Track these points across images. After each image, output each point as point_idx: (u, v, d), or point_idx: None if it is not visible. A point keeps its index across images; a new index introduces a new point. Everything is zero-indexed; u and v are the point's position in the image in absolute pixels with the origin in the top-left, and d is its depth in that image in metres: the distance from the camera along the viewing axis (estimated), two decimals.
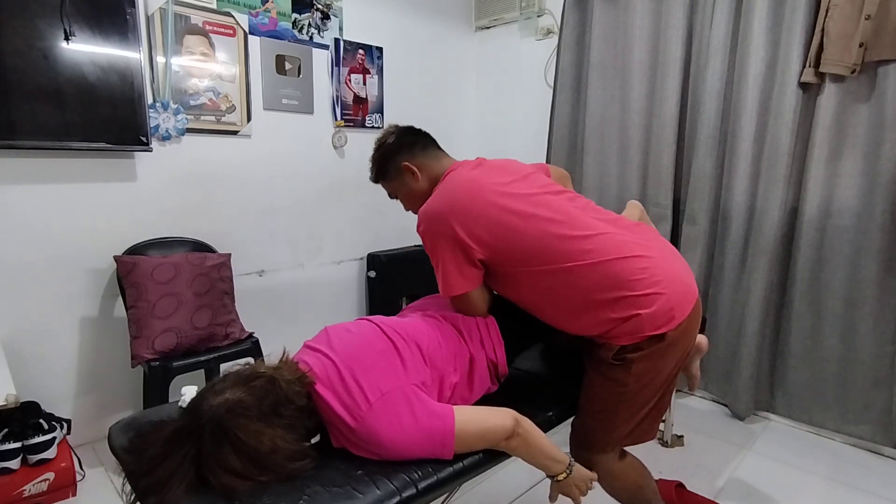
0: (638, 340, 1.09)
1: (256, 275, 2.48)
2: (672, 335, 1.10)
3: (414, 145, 1.34)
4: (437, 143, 1.39)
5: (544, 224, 1.13)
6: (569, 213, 1.17)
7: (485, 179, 1.20)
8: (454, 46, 3.20)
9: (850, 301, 2.01)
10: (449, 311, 1.25)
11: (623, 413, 1.17)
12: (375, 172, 1.40)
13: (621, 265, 1.10)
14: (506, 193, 1.17)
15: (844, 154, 1.99)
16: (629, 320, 1.08)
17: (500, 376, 1.26)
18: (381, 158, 1.36)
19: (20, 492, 1.60)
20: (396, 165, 1.33)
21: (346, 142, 2.72)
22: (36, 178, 1.83)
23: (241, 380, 0.92)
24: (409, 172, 1.32)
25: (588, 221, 1.16)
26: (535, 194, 1.19)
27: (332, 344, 1.05)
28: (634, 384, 1.13)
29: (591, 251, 1.11)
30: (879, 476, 1.87)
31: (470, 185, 1.19)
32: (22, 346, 1.84)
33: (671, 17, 2.32)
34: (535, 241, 1.13)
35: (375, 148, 1.38)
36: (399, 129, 1.37)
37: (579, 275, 1.10)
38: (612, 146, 2.59)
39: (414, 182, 1.32)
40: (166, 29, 2.04)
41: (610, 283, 1.09)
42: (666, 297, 1.09)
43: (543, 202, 1.17)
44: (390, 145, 1.34)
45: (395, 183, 1.37)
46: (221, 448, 0.85)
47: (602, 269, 1.10)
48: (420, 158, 1.33)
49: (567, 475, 1.08)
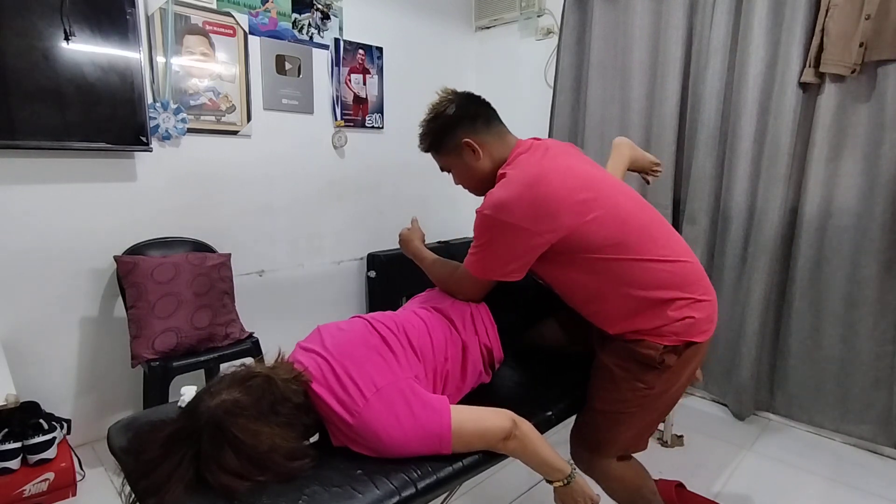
0: (679, 343, 1.09)
1: (256, 275, 2.48)
2: (703, 346, 1.13)
3: (476, 118, 1.20)
4: (498, 115, 1.25)
5: (626, 212, 1.12)
6: (643, 206, 1.18)
7: (561, 166, 1.12)
8: (454, 46, 3.20)
9: (850, 301, 2.01)
10: (442, 303, 1.24)
11: (638, 416, 1.17)
12: (428, 143, 1.25)
13: (687, 268, 1.12)
14: (585, 180, 1.11)
15: (844, 154, 1.99)
16: (682, 321, 1.08)
17: (496, 361, 1.26)
18: (438, 130, 1.22)
19: (20, 492, 1.60)
20: (455, 140, 1.19)
21: (346, 142, 2.72)
22: (36, 178, 1.83)
23: (238, 380, 0.93)
24: (469, 150, 1.19)
25: (661, 219, 1.18)
26: (612, 182, 1.18)
27: (324, 343, 1.06)
28: (660, 388, 1.13)
29: (667, 247, 1.12)
30: (879, 476, 1.87)
31: (549, 176, 1.08)
32: (22, 346, 1.84)
33: (671, 17, 2.32)
34: (618, 227, 1.08)
35: (430, 117, 1.22)
36: (459, 98, 1.21)
37: (655, 268, 1.09)
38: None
39: (474, 160, 1.19)
40: (166, 29, 2.04)
41: (679, 283, 1.10)
42: (712, 307, 1.13)
43: (621, 191, 1.16)
44: (449, 117, 1.20)
45: (451, 158, 1.23)
46: (220, 449, 0.85)
47: (675, 268, 1.11)
48: (483, 135, 1.19)
49: (565, 485, 1.06)
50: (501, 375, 1.36)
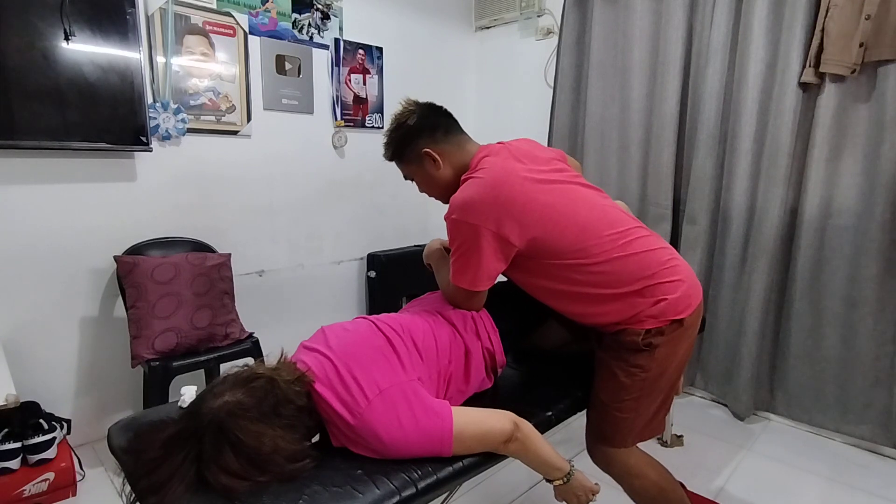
0: (661, 325, 1.11)
1: (256, 275, 2.48)
2: (688, 320, 1.14)
3: (436, 129, 1.25)
4: (459, 125, 1.30)
5: (584, 218, 1.14)
6: (602, 207, 1.19)
7: (520, 170, 1.14)
8: (454, 46, 3.20)
9: (850, 301, 2.01)
10: (445, 307, 1.24)
11: (644, 401, 1.18)
12: (391, 153, 1.30)
13: (652, 256, 1.15)
14: (543, 185, 1.14)
15: (844, 154, 1.99)
16: (657, 304, 1.11)
17: (498, 366, 1.26)
18: (399, 140, 1.27)
19: (20, 492, 1.60)
20: (416, 150, 1.24)
21: (346, 142, 2.72)
22: (36, 178, 1.83)
23: (240, 381, 0.92)
24: (429, 159, 1.23)
25: (621, 217, 1.19)
26: (570, 187, 1.19)
27: (328, 342, 1.05)
28: (656, 369, 1.15)
29: (626, 244, 1.14)
30: (879, 476, 1.87)
31: (510, 179, 1.12)
32: (22, 346, 1.84)
33: (671, 17, 2.32)
34: (575, 235, 1.12)
35: (393, 126, 1.27)
36: (420, 109, 1.26)
37: (616, 267, 1.12)
38: (612, 146, 2.59)
39: (434, 169, 1.24)
40: (166, 29, 2.04)
41: (643, 274, 1.12)
42: (686, 285, 1.15)
43: (579, 196, 1.18)
44: (410, 127, 1.24)
45: (413, 167, 1.28)
46: (221, 450, 0.85)
47: (636, 261, 1.13)
48: (442, 144, 1.24)
49: (564, 483, 1.07)
50: (502, 375, 1.36)
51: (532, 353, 1.49)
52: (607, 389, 1.21)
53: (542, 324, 1.41)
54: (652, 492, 1.24)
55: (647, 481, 1.24)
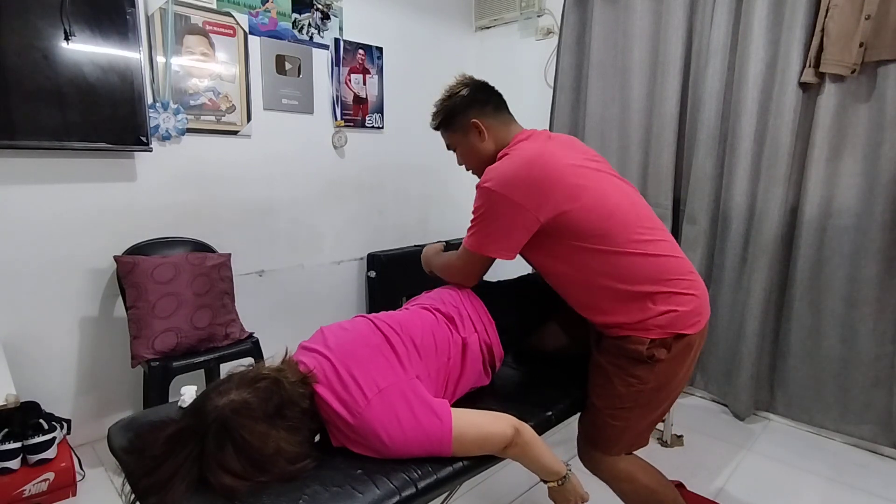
0: (666, 336, 1.11)
1: (256, 275, 2.48)
2: (693, 338, 1.13)
3: (486, 103, 1.30)
4: (507, 106, 1.35)
5: (612, 205, 1.15)
6: (633, 201, 1.20)
7: (560, 153, 1.18)
8: (454, 46, 3.20)
9: (850, 301, 2.01)
10: (442, 304, 1.24)
11: (637, 412, 1.18)
12: (440, 121, 1.34)
13: (674, 263, 1.15)
14: (577, 168, 1.16)
15: (844, 154, 1.99)
16: (665, 314, 1.10)
17: (497, 360, 1.26)
18: (450, 109, 1.31)
19: (20, 492, 1.60)
20: (465, 120, 1.29)
21: (346, 142, 2.72)
22: (36, 178, 1.83)
23: (246, 381, 0.92)
24: (476, 130, 1.28)
25: (650, 215, 1.20)
26: (604, 175, 1.20)
27: (327, 343, 1.05)
28: (654, 383, 1.14)
29: (650, 243, 1.14)
30: (879, 476, 1.87)
31: (545, 157, 1.16)
32: (22, 345, 1.84)
33: (671, 18, 2.32)
34: (602, 219, 1.13)
35: (445, 96, 1.32)
36: (473, 83, 1.32)
37: (636, 263, 1.12)
38: (612, 146, 2.59)
39: (479, 141, 1.29)
40: (166, 29, 2.04)
41: (660, 278, 1.12)
42: (700, 302, 1.15)
43: (611, 184, 1.19)
44: (462, 97, 1.29)
45: (458, 136, 1.33)
46: (223, 449, 0.85)
47: (657, 263, 1.13)
48: (490, 119, 1.29)
49: (558, 486, 1.08)
50: (502, 376, 1.36)
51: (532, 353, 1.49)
52: (603, 395, 1.20)
53: (542, 326, 1.41)
54: (642, 494, 1.24)
55: (637, 485, 1.24)
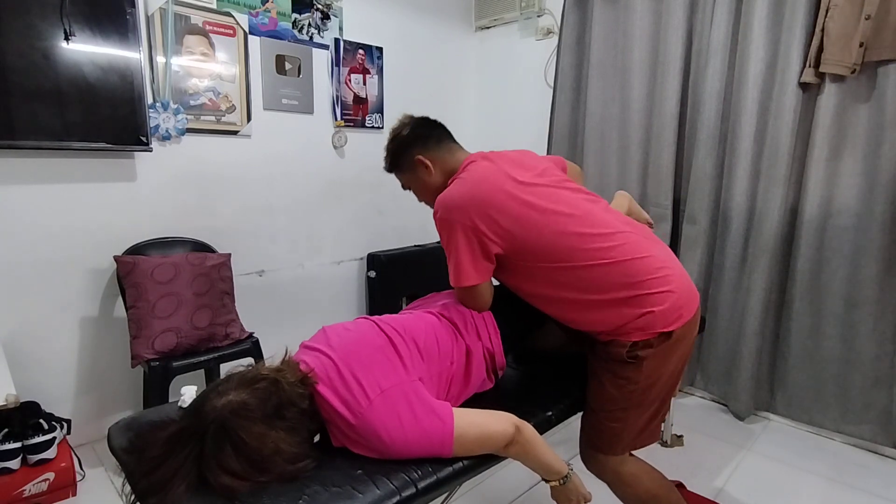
0: (649, 337, 1.10)
1: (256, 275, 2.48)
2: (678, 333, 1.12)
3: (428, 138, 1.34)
4: (451, 135, 1.39)
5: (564, 221, 1.15)
6: (587, 210, 1.18)
7: (504, 173, 1.19)
8: (454, 46, 3.20)
9: (850, 301, 2.01)
10: (446, 308, 1.24)
11: (633, 412, 1.18)
12: (389, 163, 1.40)
13: (640, 264, 1.12)
14: (525, 187, 1.17)
15: (844, 154, 1.99)
16: (643, 317, 1.10)
17: (498, 368, 1.26)
18: (395, 150, 1.37)
19: (20, 492, 1.60)
20: (410, 158, 1.33)
21: (346, 142, 2.72)
22: (36, 178, 1.83)
23: (245, 381, 0.92)
24: (422, 166, 1.32)
25: (607, 220, 1.18)
26: (553, 190, 1.19)
27: (330, 342, 1.05)
28: (644, 381, 1.14)
29: (611, 249, 1.13)
30: (879, 476, 1.87)
31: (490, 178, 1.18)
32: (22, 345, 1.84)
33: (671, 17, 2.32)
34: (554, 236, 1.13)
35: (390, 139, 1.38)
36: (413, 121, 1.37)
37: (599, 273, 1.12)
38: (612, 146, 2.59)
39: (427, 175, 1.33)
40: (166, 29, 2.04)
41: (628, 282, 1.11)
42: (677, 296, 1.12)
43: (562, 198, 1.18)
44: (404, 137, 1.35)
45: (408, 175, 1.37)
46: (223, 449, 0.85)
47: (622, 269, 1.12)
48: (433, 152, 1.33)
49: (560, 485, 1.08)
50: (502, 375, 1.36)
51: (532, 353, 1.49)
52: (597, 398, 1.21)
53: (540, 327, 1.41)
54: (643, 498, 1.24)
55: (640, 489, 1.24)
